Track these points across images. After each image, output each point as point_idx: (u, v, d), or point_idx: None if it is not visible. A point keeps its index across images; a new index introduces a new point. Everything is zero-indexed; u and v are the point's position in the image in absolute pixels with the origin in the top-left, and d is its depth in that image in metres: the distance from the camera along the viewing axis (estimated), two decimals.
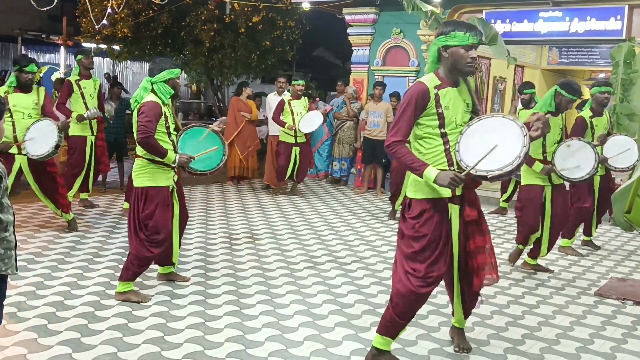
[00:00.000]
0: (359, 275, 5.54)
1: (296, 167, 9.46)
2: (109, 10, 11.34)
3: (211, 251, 6.13)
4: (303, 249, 6.40)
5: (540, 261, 6.14)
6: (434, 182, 3.34)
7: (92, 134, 7.71)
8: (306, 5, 11.70)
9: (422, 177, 3.39)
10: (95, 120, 7.75)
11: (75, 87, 7.51)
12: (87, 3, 13.04)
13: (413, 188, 3.54)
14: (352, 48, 11.62)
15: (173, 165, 4.66)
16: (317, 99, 11.82)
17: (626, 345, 4.21)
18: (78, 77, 7.58)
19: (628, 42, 8.99)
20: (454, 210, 3.54)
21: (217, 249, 6.21)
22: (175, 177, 4.81)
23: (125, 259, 5.24)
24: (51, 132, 6.17)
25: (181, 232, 5.05)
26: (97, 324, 4.09)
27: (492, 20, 10.09)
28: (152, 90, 4.62)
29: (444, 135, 3.47)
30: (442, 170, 3.37)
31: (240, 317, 4.35)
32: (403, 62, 10.97)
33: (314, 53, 23.91)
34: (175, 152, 4.72)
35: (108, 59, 19.45)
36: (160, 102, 4.60)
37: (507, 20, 10.18)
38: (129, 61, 20.04)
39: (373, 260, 6.08)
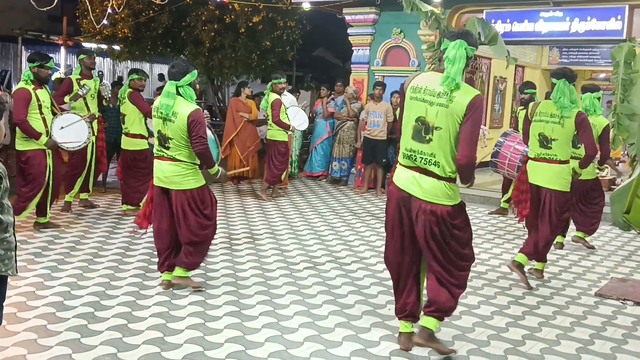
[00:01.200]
0: (359, 275, 5.54)
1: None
2: (109, 10, 11.33)
3: (211, 251, 6.10)
4: (303, 249, 6.40)
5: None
6: None
7: (93, 134, 7.69)
8: (306, 6, 11.69)
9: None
10: (96, 120, 7.75)
11: (76, 86, 7.49)
12: (88, 3, 13.04)
13: (454, 196, 3.72)
14: (353, 48, 11.60)
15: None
16: (332, 96, 11.75)
17: (626, 345, 4.20)
18: (79, 77, 7.57)
19: (628, 42, 8.97)
20: None
21: (217, 249, 6.20)
22: None
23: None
24: (79, 124, 6.71)
25: None
26: (97, 325, 4.09)
27: (493, 20, 10.09)
28: (177, 94, 4.66)
29: None
30: None
31: (240, 318, 4.34)
32: (403, 62, 10.96)
33: (314, 53, 23.91)
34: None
35: (108, 59, 19.46)
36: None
37: (508, 20, 10.17)
38: (129, 61, 20.04)
39: (373, 260, 6.08)
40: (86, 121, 6.82)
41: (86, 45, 16.84)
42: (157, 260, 5.07)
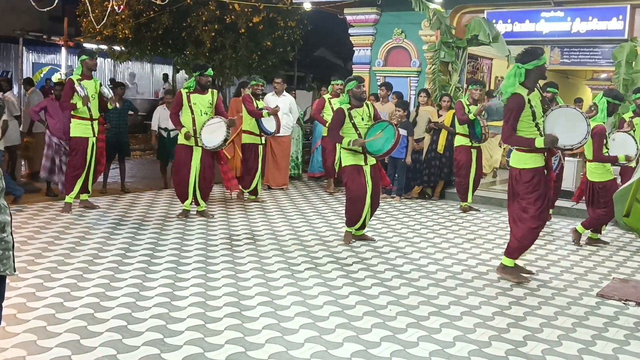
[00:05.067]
0: (361, 276, 5.52)
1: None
2: (110, 10, 11.32)
3: (212, 252, 6.11)
4: (304, 250, 6.38)
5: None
6: (544, 144, 5.15)
7: (94, 135, 7.70)
8: (307, 6, 11.69)
9: (536, 145, 5.17)
10: (97, 121, 7.75)
11: (78, 86, 7.50)
12: (88, 4, 13.04)
13: (524, 161, 5.30)
14: (354, 48, 11.59)
15: (349, 145, 6.43)
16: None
17: (628, 346, 4.18)
18: (80, 77, 7.58)
19: (630, 42, 8.97)
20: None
21: (218, 250, 6.19)
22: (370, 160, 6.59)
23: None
24: (220, 128, 7.34)
25: (373, 205, 6.68)
26: (96, 326, 4.07)
27: (494, 21, 10.08)
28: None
29: (537, 124, 5.29)
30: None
31: (240, 319, 4.33)
32: (404, 63, 10.95)
33: (315, 53, 23.89)
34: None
35: (109, 59, 19.48)
36: (344, 107, 6.59)
37: (509, 20, 10.16)
38: (130, 62, 20.04)
39: (375, 261, 6.06)
40: (226, 124, 7.37)
41: (87, 45, 16.84)
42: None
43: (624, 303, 5.08)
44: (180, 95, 7.52)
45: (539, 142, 5.21)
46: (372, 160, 6.61)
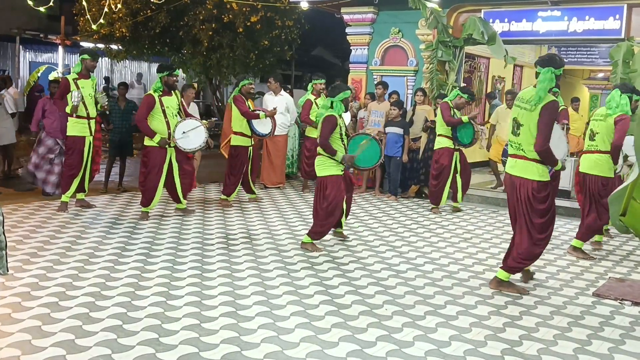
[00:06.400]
0: (357, 275, 5.52)
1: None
2: (106, 9, 11.31)
3: (208, 251, 6.10)
4: (300, 249, 6.38)
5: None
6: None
7: (91, 134, 7.67)
8: (304, 5, 11.67)
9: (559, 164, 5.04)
10: (94, 120, 7.72)
11: (74, 86, 7.46)
12: (84, 2, 13.00)
13: (540, 173, 4.99)
14: (351, 47, 11.58)
15: (340, 162, 6.25)
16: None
17: (624, 346, 4.19)
18: (77, 76, 7.55)
19: (627, 41, 8.97)
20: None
21: (214, 249, 6.18)
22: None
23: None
24: (199, 129, 7.28)
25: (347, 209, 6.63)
26: (91, 326, 4.06)
27: (491, 20, 10.07)
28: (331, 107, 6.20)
29: None
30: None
31: (236, 319, 4.32)
32: (401, 62, 10.94)
33: (313, 52, 23.92)
34: (345, 152, 6.35)
35: (106, 58, 19.45)
36: (337, 115, 6.25)
37: (506, 20, 10.15)
38: (127, 61, 20.02)
39: (371, 260, 6.06)
40: (205, 127, 7.35)
41: (84, 44, 16.82)
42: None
43: (619, 302, 5.09)
44: (153, 98, 7.20)
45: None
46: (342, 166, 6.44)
